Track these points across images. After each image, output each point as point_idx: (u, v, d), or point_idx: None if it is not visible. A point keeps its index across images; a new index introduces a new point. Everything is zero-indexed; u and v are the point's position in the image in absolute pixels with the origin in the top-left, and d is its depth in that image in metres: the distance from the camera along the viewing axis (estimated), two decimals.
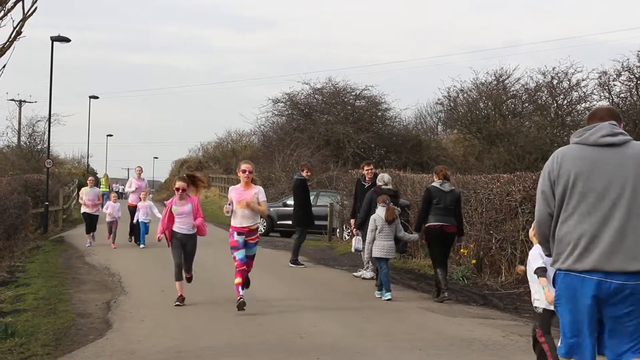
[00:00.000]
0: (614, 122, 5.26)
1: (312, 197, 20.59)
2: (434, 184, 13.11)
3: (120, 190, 62.50)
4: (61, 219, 32.45)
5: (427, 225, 12.90)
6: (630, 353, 4.99)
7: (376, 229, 12.85)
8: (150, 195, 36.83)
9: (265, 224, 27.36)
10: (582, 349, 5.08)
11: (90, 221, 21.68)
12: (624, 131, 5.24)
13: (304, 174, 17.72)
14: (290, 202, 26.53)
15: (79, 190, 49.29)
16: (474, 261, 15.55)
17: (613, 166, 5.10)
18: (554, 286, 5.38)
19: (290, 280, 15.01)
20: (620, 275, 4.92)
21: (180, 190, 12.00)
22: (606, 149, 5.15)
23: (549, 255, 5.40)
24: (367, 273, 15.08)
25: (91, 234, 21.71)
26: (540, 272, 7.11)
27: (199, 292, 12.44)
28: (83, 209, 21.93)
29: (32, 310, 11.09)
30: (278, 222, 27.54)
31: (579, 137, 5.36)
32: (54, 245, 22.28)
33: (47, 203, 28.79)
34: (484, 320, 10.96)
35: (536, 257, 7.14)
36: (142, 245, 20.86)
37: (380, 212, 12.90)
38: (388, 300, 12.47)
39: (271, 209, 27.54)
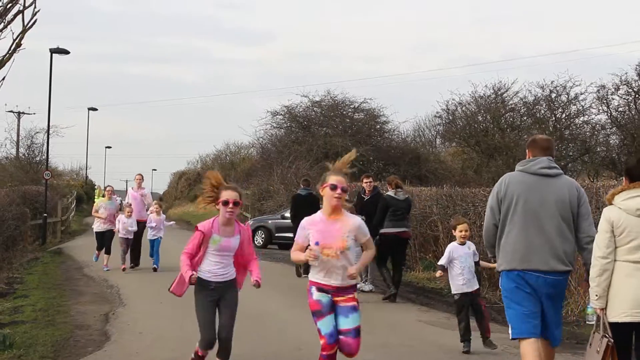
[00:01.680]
0: (551, 157, 6.87)
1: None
2: (388, 193, 14.20)
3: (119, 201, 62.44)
4: (59, 231, 32.47)
5: (383, 231, 13.87)
6: (557, 332, 6.81)
7: None
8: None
9: (263, 236, 27.65)
10: (530, 325, 6.63)
11: (102, 238, 18.37)
12: (557, 166, 6.89)
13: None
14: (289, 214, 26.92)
15: (77, 202, 49.62)
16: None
17: (547, 192, 6.73)
18: (500, 284, 7.02)
19: (288, 291, 14.99)
20: (552, 273, 6.64)
21: (231, 205, 7.35)
22: (543, 178, 6.77)
23: (493, 257, 7.14)
24: (366, 286, 15.09)
25: (106, 256, 18.17)
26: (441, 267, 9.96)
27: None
28: (98, 226, 18.47)
29: (31, 322, 11.07)
30: (276, 235, 27.55)
31: (523, 166, 6.90)
32: (53, 256, 22.25)
33: (45, 215, 28.84)
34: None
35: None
36: (155, 266, 18.01)
37: None
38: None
39: (269, 222, 27.80)
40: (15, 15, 20.39)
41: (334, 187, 6.76)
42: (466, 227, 10.15)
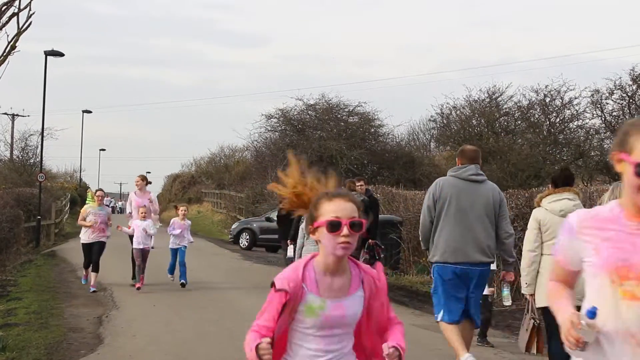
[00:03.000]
0: (478, 165, 7.99)
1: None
2: None
3: (112, 205, 62.49)
4: (53, 233, 32.41)
5: None
6: (475, 314, 7.85)
7: (304, 236, 13.53)
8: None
9: (248, 238, 28.32)
10: (453, 311, 7.70)
11: (90, 252, 15.17)
12: (482, 173, 8.03)
13: None
14: (274, 216, 27.44)
15: (71, 204, 49.55)
16: None
17: (475, 195, 7.81)
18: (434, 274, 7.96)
19: None
20: (478, 264, 7.74)
21: (345, 232, 3.40)
22: (471, 183, 7.87)
23: (426, 248, 8.13)
24: None
25: (93, 274, 15.11)
26: None
27: (191, 307, 12.42)
28: (85, 237, 15.32)
29: (24, 325, 11.05)
30: (260, 236, 28.07)
31: (455, 172, 7.98)
32: (46, 259, 22.21)
33: (39, 217, 28.76)
34: (476, 338, 10.95)
35: None
36: (183, 281, 15.31)
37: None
38: None
39: (254, 224, 28.35)
40: (10, 18, 20.44)
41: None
42: None
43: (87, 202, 15.73)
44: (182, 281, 15.18)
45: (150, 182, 16.60)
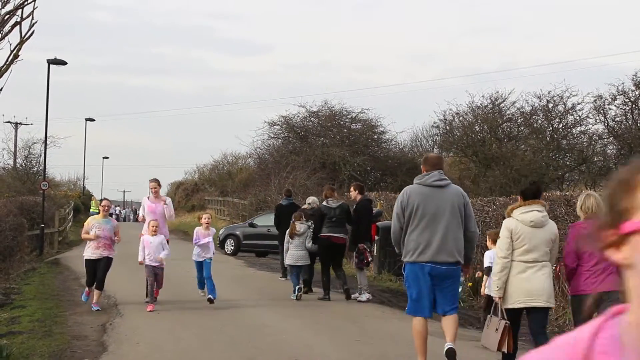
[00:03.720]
0: (441, 170, 8.64)
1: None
2: (323, 203, 15.81)
3: (115, 212, 62.43)
4: (57, 241, 32.42)
5: (320, 235, 15.38)
6: (451, 310, 8.52)
7: (289, 241, 15.59)
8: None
9: (233, 243, 28.71)
10: (423, 307, 8.43)
11: (95, 269, 13.90)
12: (446, 177, 8.70)
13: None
14: (257, 222, 28.32)
15: (75, 212, 49.58)
16: (470, 284, 15.54)
17: (439, 199, 8.44)
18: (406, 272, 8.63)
19: (285, 302, 14.97)
20: (444, 264, 8.36)
21: None
22: (436, 188, 8.50)
23: (399, 252, 8.75)
24: (362, 296, 15.14)
25: (97, 292, 13.88)
26: (487, 271, 9.99)
27: (194, 315, 12.42)
28: (89, 252, 13.99)
29: (28, 333, 11.05)
30: (244, 242, 28.42)
31: (420, 180, 8.62)
32: (50, 267, 22.23)
33: (42, 225, 28.77)
34: (480, 342, 10.94)
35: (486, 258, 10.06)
36: (211, 297, 13.95)
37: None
38: (296, 298, 15.09)
39: (238, 230, 29.13)
40: (12, 27, 20.52)
41: None
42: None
43: (91, 210, 15.74)
44: (210, 297, 13.87)
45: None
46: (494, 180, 34.89)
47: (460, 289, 9.32)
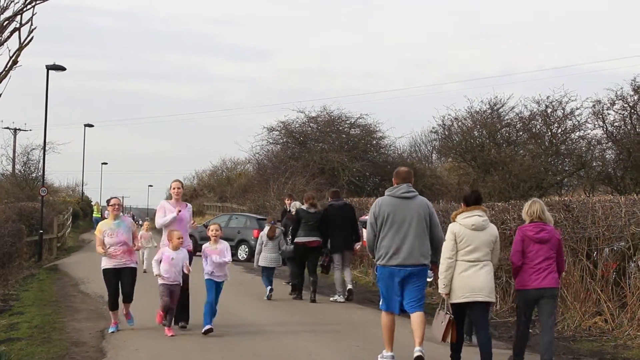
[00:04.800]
0: (410, 183, 9.60)
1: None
2: (302, 207, 16.16)
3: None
4: (55, 247, 32.39)
5: (296, 240, 15.87)
6: (417, 306, 9.25)
7: (262, 243, 16.28)
8: (140, 222, 36.56)
9: (246, 250, 28.65)
10: (392, 304, 9.37)
11: (118, 281, 11.75)
12: (414, 189, 9.61)
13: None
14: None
15: (73, 218, 49.54)
16: None
17: (407, 209, 9.42)
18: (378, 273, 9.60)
19: (284, 308, 14.95)
20: (411, 266, 9.22)
21: None
22: (404, 200, 9.49)
23: (373, 256, 9.70)
24: (340, 297, 15.86)
25: (125, 305, 12.00)
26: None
27: (194, 320, 12.39)
28: (106, 260, 11.69)
29: (26, 339, 11.04)
30: (200, 242, 28.23)
31: (390, 192, 9.61)
32: (48, 273, 22.20)
33: (41, 231, 28.76)
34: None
35: None
36: (208, 327, 11.46)
37: (265, 230, 16.41)
38: (268, 298, 15.88)
39: (196, 232, 28.75)
40: (11, 33, 20.53)
41: None
42: None
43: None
44: (208, 326, 11.48)
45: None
46: (492, 185, 34.93)
47: (426, 289, 10.34)
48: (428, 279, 11.47)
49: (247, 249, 28.31)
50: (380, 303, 9.67)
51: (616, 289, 12.33)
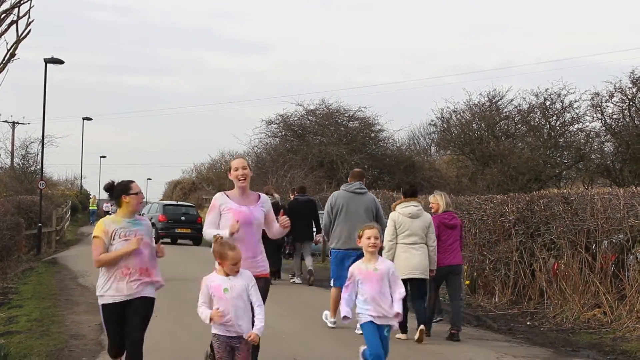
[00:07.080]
0: (361, 182, 11.66)
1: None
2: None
3: (110, 210, 62.15)
4: (54, 240, 32.40)
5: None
6: None
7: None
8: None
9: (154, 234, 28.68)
10: (340, 279, 10.33)
11: (122, 321, 7.49)
12: (365, 187, 11.67)
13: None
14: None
15: (72, 212, 49.46)
16: (467, 282, 15.55)
17: (358, 202, 11.40)
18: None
19: (283, 302, 14.96)
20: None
21: None
22: (356, 194, 11.49)
23: (328, 239, 11.87)
24: (298, 279, 18.15)
25: None
26: None
27: (193, 316, 12.37)
28: (108, 288, 7.35)
29: (25, 332, 11.05)
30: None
31: (346, 187, 11.61)
32: (47, 266, 22.19)
33: (40, 224, 28.74)
34: (478, 341, 10.96)
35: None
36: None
37: None
38: None
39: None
40: (9, 26, 20.46)
41: None
42: None
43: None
44: None
45: None
46: (491, 178, 34.93)
47: None
48: None
49: None
50: (331, 281, 11.46)
51: (615, 282, 12.36)
